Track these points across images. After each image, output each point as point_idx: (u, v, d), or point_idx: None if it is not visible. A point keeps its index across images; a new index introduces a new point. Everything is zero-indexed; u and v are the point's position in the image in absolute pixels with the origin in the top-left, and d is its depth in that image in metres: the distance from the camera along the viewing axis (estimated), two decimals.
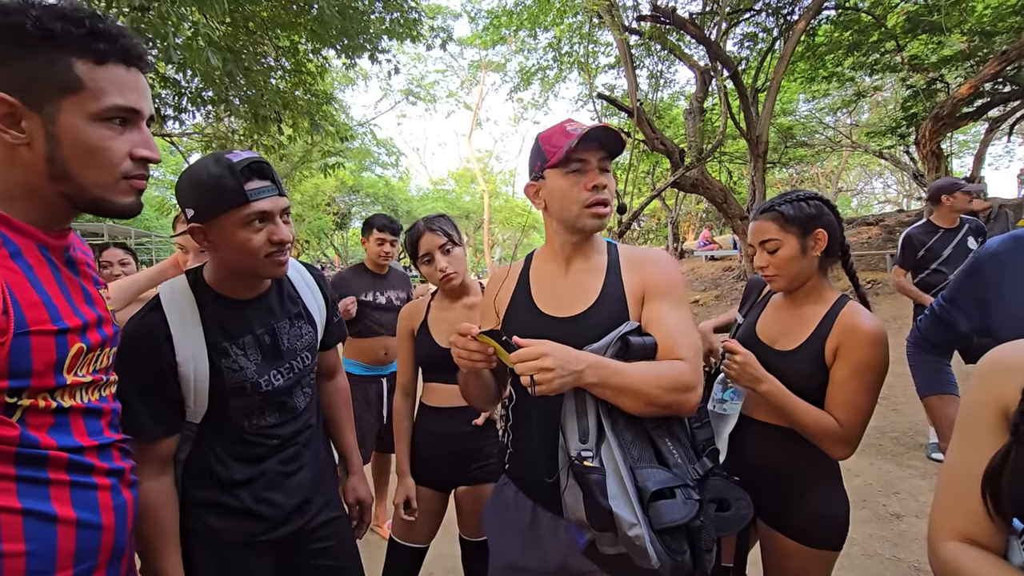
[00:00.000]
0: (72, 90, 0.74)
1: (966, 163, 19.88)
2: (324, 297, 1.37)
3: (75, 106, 0.74)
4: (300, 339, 1.25)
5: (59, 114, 0.74)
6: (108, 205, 0.80)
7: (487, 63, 22.10)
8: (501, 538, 1.27)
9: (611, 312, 1.14)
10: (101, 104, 0.76)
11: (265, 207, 1.06)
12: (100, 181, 0.78)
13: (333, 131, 9.15)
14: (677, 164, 9.19)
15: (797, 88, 14.50)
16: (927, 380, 1.32)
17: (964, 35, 9.15)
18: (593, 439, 1.05)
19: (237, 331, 1.15)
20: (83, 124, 0.75)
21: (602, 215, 1.15)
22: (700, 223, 20.82)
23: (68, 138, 0.75)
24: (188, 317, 1.10)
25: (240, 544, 1.17)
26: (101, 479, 0.83)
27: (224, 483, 1.15)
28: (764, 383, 1.34)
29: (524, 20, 10.80)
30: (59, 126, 0.74)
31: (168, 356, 1.06)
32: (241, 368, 1.13)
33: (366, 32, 7.10)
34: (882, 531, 2.74)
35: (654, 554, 0.92)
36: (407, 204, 31.92)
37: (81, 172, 0.76)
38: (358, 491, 1.45)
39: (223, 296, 1.15)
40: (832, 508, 1.35)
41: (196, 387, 1.08)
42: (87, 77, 0.74)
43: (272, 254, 1.09)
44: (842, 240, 1.41)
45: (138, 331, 1.07)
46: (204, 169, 1.05)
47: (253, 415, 1.17)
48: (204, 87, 6.16)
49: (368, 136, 21.05)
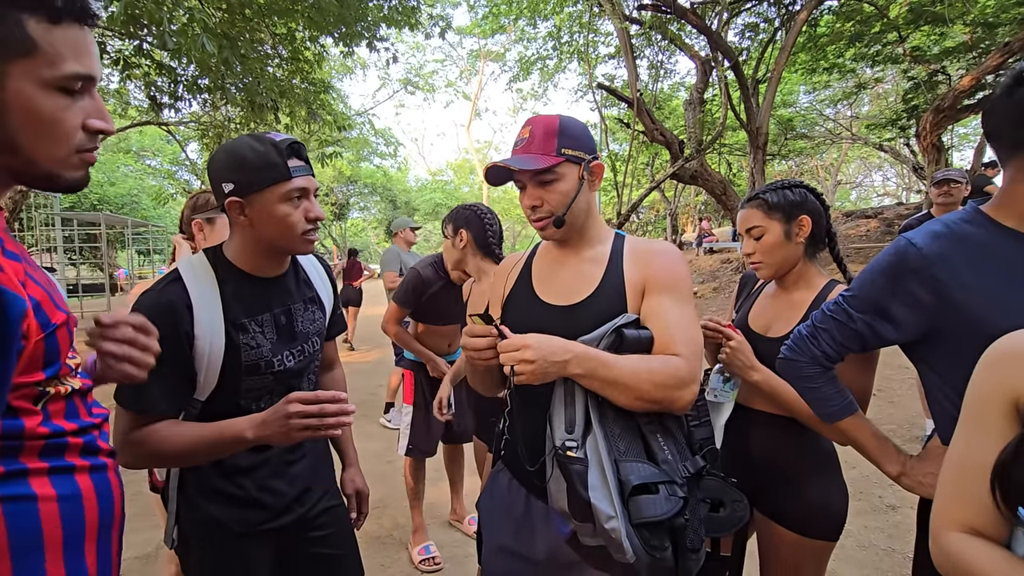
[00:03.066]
0: (24, 53, 0.65)
1: (966, 156, 19.87)
2: (332, 286, 1.40)
3: (27, 71, 0.65)
4: (312, 323, 1.27)
5: (7, 79, 0.65)
6: (57, 180, 0.73)
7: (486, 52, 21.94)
8: (494, 523, 1.27)
9: (609, 303, 1.13)
10: (58, 71, 0.67)
11: (304, 184, 1.11)
12: (53, 154, 0.70)
13: (331, 120, 9.10)
14: (677, 155, 9.16)
15: (798, 79, 14.43)
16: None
17: (967, 26, 9.08)
18: (580, 430, 1.04)
19: (256, 308, 1.16)
20: (36, 92, 0.66)
21: (540, 228, 1.18)
22: (699, 215, 20.79)
23: (18, 107, 0.66)
24: (208, 290, 1.11)
25: (242, 534, 1.17)
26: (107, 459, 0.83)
27: (228, 470, 1.15)
28: (756, 372, 1.35)
29: (524, 9, 10.72)
30: (8, 93, 0.65)
31: (187, 327, 1.06)
32: (258, 345, 1.14)
33: (364, 19, 7.03)
34: (877, 522, 2.75)
35: (630, 548, 0.92)
36: (405, 195, 31.83)
37: (31, 144, 0.68)
38: (356, 482, 1.45)
39: (245, 272, 1.17)
40: (829, 498, 1.35)
41: (210, 361, 1.09)
42: (42, 39, 0.65)
43: (307, 231, 1.14)
44: (828, 227, 1.42)
45: (158, 301, 1.07)
46: (246, 145, 1.09)
47: (262, 398, 1.18)
48: (200, 74, 6.10)
49: (366, 126, 20.96)
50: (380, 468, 3.70)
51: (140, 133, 19.63)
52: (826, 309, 1.13)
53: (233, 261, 1.17)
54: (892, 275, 1.01)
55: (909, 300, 0.98)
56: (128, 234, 14.96)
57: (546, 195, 1.13)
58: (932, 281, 0.95)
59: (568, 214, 1.14)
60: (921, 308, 0.97)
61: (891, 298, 1.01)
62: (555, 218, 1.14)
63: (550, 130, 1.12)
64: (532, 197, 1.14)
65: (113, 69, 6.41)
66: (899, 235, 3.52)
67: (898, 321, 1.01)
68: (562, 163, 1.12)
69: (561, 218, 1.13)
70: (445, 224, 2.07)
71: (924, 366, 1.04)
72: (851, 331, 1.07)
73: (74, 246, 14.45)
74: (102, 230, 12.61)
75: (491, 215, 2.04)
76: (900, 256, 1.00)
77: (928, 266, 0.95)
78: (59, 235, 12.86)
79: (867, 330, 1.05)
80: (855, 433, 1.16)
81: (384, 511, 3.08)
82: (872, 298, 1.04)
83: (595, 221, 1.23)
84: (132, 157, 22.91)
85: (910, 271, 0.98)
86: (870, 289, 1.05)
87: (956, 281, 0.93)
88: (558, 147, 1.11)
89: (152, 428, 1.06)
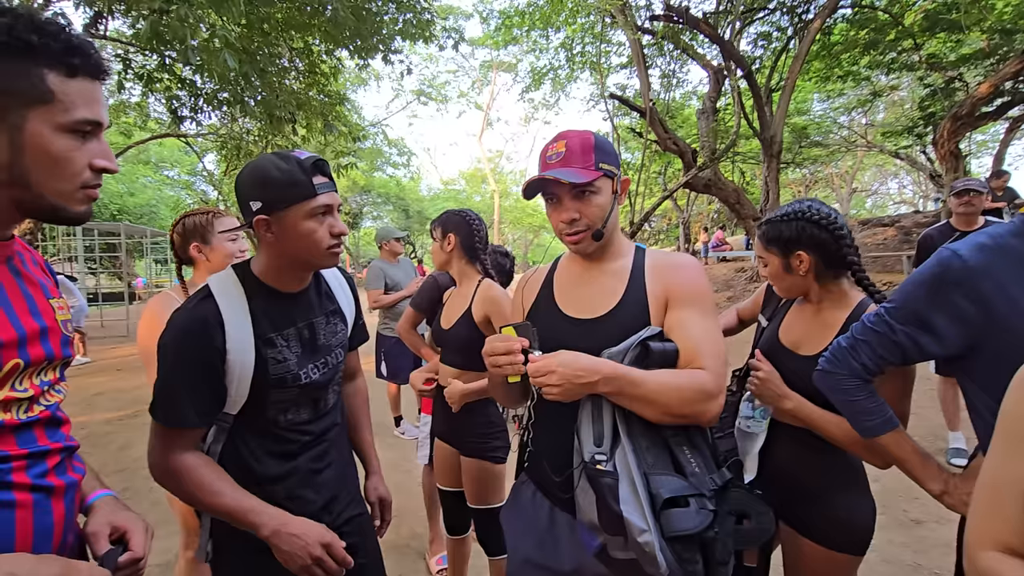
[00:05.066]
0: (43, 101, 0.75)
1: (983, 163, 19.58)
2: (354, 298, 1.42)
3: (43, 116, 0.75)
4: (335, 336, 1.29)
5: (25, 123, 0.74)
6: (63, 213, 0.81)
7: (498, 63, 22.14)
8: (518, 536, 1.27)
9: (632, 316, 1.13)
10: (70, 117, 0.76)
11: (328, 201, 1.14)
12: (61, 190, 0.79)
13: (346, 131, 9.22)
14: (690, 164, 9.15)
15: (811, 87, 14.36)
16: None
17: (984, 33, 9.00)
18: (608, 443, 1.05)
19: (282, 323, 1.18)
20: (50, 134, 0.75)
21: (576, 242, 1.18)
22: (712, 223, 20.68)
23: (33, 147, 0.75)
24: (238, 306, 1.13)
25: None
26: (22, 495, 0.78)
27: (259, 479, 1.16)
28: (788, 400, 1.32)
29: (536, 20, 10.81)
30: (25, 135, 0.74)
31: (220, 344, 1.09)
32: (285, 359, 1.16)
33: (379, 33, 7.14)
34: (902, 537, 2.69)
35: (663, 562, 0.92)
36: (418, 204, 32.08)
37: (42, 180, 0.77)
38: (379, 490, 1.47)
39: (271, 288, 1.19)
40: (856, 512, 1.32)
41: (241, 376, 1.11)
42: (58, 89, 0.75)
43: (332, 246, 1.16)
44: (845, 255, 1.32)
45: (192, 319, 1.09)
46: (272, 164, 1.11)
47: (289, 409, 1.20)
48: (220, 88, 6.22)
49: (380, 136, 21.18)
50: (396, 477, 3.70)
51: (159, 145, 20.02)
52: (866, 321, 1.11)
53: (260, 277, 1.19)
54: (935, 287, 0.99)
55: (952, 312, 0.97)
56: (147, 244, 15.22)
57: (584, 208, 1.15)
58: (976, 294, 0.93)
59: (607, 227, 1.17)
60: (965, 321, 0.96)
61: (934, 310, 0.99)
62: (595, 231, 1.15)
63: (587, 145, 1.14)
64: (570, 210, 1.15)
65: (136, 83, 6.57)
66: (918, 245, 3.41)
67: (941, 334, 0.99)
68: (600, 177, 1.14)
69: (600, 231, 1.15)
70: (434, 227, 2.12)
71: (967, 380, 1.02)
72: (892, 343, 1.06)
73: (94, 255, 14.74)
74: (122, 240, 12.82)
75: (479, 221, 2.10)
76: (944, 268, 0.98)
77: (972, 278, 0.94)
78: (80, 244, 13.10)
79: (909, 342, 1.04)
80: (896, 449, 1.13)
81: (401, 520, 3.08)
82: (914, 310, 1.02)
83: (618, 235, 1.24)
84: (151, 168, 23.41)
85: (954, 283, 0.96)
86: (913, 301, 1.03)
87: (1001, 294, 0.91)
88: (596, 161, 1.13)
89: (192, 464, 1.08)
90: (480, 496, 1.97)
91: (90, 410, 5.64)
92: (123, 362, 8.32)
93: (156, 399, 1.09)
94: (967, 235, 3.33)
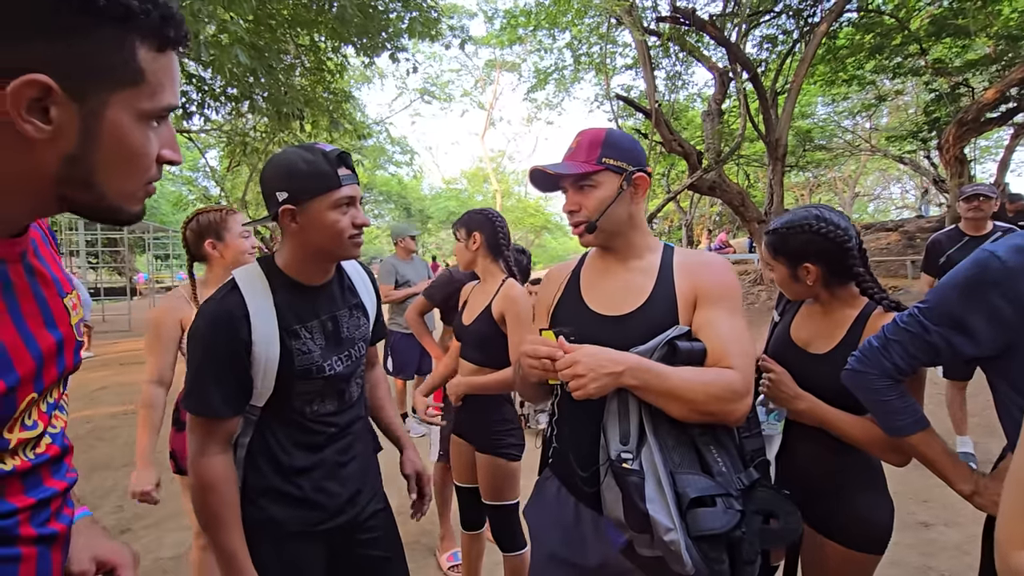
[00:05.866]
0: (132, 82, 0.59)
1: (987, 168, 19.56)
2: (375, 293, 1.43)
3: (129, 101, 0.60)
4: (357, 329, 1.31)
5: (106, 109, 0.58)
6: (120, 214, 0.66)
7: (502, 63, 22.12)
8: (543, 531, 1.28)
9: (660, 314, 1.13)
10: (158, 103, 0.62)
11: (351, 193, 1.16)
12: (127, 189, 0.64)
13: (351, 129, 9.23)
14: (695, 166, 9.14)
15: (816, 91, 14.35)
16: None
17: (990, 39, 9.00)
18: (634, 441, 1.05)
19: (306, 315, 1.20)
20: (131, 123, 0.60)
21: (577, 235, 1.22)
22: (715, 226, 20.68)
23: (112, 138, 0.60)
24: (263, 299, 1.15)
25: (299, 534, 1.20)
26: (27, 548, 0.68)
27: (286, 471, 1.18)
28: (800, 401, 1.33)
29: (542, 20, 10.80)
30: (104, 124, 0.59)
31: (246, 336, 1.10)
32: (309, 351, 1.18)
33: (386, 30, 7.14)
34: (910, 539, 2.70)
35: (689, 561, 0.92)
36: (420, 203, 32.01)
37: (111, 178, 0.62)
38: (416, 463, 1.49)
39: (295, 281, 1.21)
40: (875, 512, 1.33)
41: (267, 368, 1.13)
42: (149, 68, 0.60)
43: (354, 236, 1.18)
44: (851, 267, 1.32)
45: (219, 311, 1.11)
46: (298, 156, 1.14)
47: (314, 401, 1.22)
48: (228, 84, 6.22)
49: (383, 134, 21.15)
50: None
51: None
52: (899, 321, 1.11)
53: (284, 270, 1.20)
54: (972, 287, 0.99)
55: (989, 313, 0.97)
56: (148, 239, 15.22)
57: (584, 200, 1.17)
58: (1014, 294, 0.93)
59: (604, 221, 1.16)
60: (1001, 322, 0.96)
61: (970, 311, 0.99)
62: (588, 223, 1.17)
63: (595, 141, 1.17)
64: (571, 202, 1.20)
65: None
66: (926, 249, 3.40)
67: (976, 335, 0.99)
68: (601, 171, 1.15)
69: (593, 223, 1.16)
70: (458, 227, 2.13)
71: (999, 380, 1.03)
72: (926, 344, 1.06)
73: (96, 250, 14.74)
74: (124, 235, 12.82)
75: (501, 219, 2.13)
76: (982, 268, 0.98)
77: (1011, 279, 0.94)
78: (82, 239, 13.10)
79: (943, 343, 1.04)
80: (925, 449, 1.13)
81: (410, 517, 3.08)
82: (950, 311, 1.02)
83: (641, 232, 1.24)
84: None
85: (992, 284, 0.96)
86: (948, 301, 1.03)
87: None
88: (600, 156, 1.15)
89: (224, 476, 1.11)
90: (494, 493, 1.98)
91: (94, 404, 5.65)
92: (125, 356, 8.33)
93: (187, 389, 1.11)
94: (974, 240, 3.28)
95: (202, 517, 1.11)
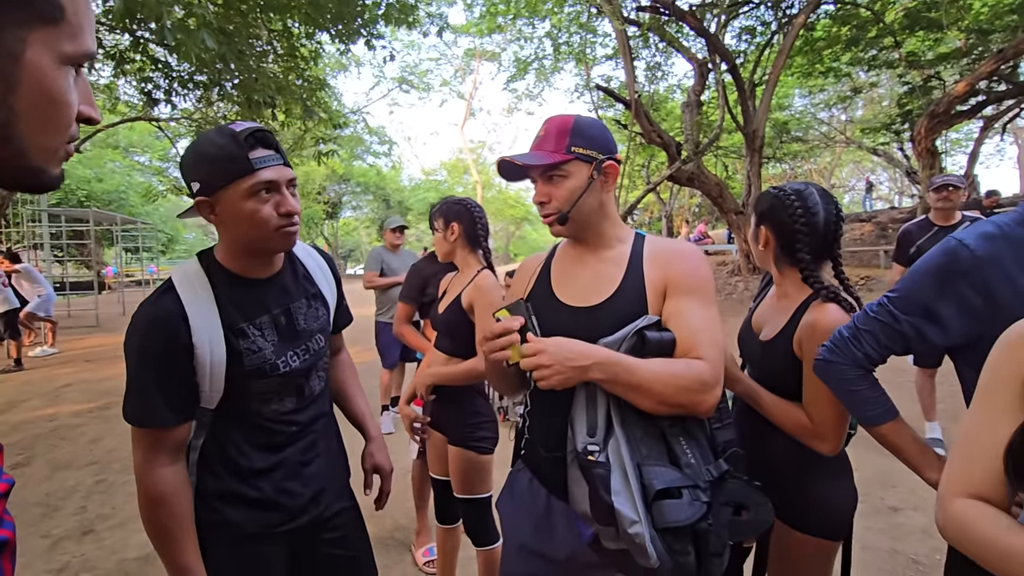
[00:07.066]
0: (51, 20, 0.52)
1: (957, 160, 20.06)
2: (335, 280, 1.35)
3: (49, 42, 0.52)
4: (316, 320, 1.23)
5: (26, 49, 0.50)
6: (41, 176, 0.57)
7: (482, 52, 21.89)
8: (514, 523, 1.26)
9: (629, 305, 1.10)
10: (79, 46, 0.54)
11: (271, 176, 1.03)
12: (49, 144, 0.56)
13: (326, 118, 9.03)
14: (674, 157, 9.18)
15: (793, 83, 14.53)
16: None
17: (961, 32, 9.19)
18: (601, 433, 1.03)
19: (253, 311, 1.12)
20: (52, 68, 0.52)
21: (548, 224, 1.18)
22: (694, 217, 20.89)
23: (32, 84, 0.51)
24: (203, 298, 1.06)
25: (258, 536, 1.13)
26: None
27: (244, 473, 1.11)
28: (738, 383, 1.33)
29: (522, 8, 10.68)
30: (23, 67, 0.50)
31: (184, 338, 1.02)
32: (260, 349, 1.10)
33: (361, 16, 6.98)
34: (879, 524, 2.75)
35: (653, 553, 0.91)
36: (399, 194, 31.70)
37: (31, 131, 0.53)
38: (376, 457, 1.40)
39: (237, 275, 1.12)
40: (834, 498, 1.32)
41: (212, 370, 1.05)
42: (68, 4, 0.53)
43: (281, 226, 1.06)
44: (796, 250, 1.28)
45: (152, 314, 1.03)
46: (208, 141, 1.03)
47: (272, 400, 1.14)
48: (196, 70, 6.01)
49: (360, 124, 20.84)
50: None
51: (129, 129, 19.30)
52: (869, 310, 1.10)
53: (223, 264, 1.12)
54: (942, 276, 0.98)
55: (958, 302, 0.96)
56: (117, 231, 14.76)
57: (553, 191, 1.14)
58: (983, 284, 0.92)
59: (575, 212, 1.13)
60: (970, 311, 0.95)
61: (940, 300, 0.98)
62: (559, 215, 1.13)
63: (563, 129, 1.13)
64: (541, 194, 1.16)
65: (106, 64, 6.32)
66: (897, 239, 3.45)
67: (946, 323, 0.98)
68: (570, 161, 1.11)
69: (565, 215, 1.13)
70: (435, 217, 2.09)
71: (968, 369, 1.02)
72: (896, 333, 1.04)
73: (61, 243, 14.24)
74: (91, 227, 12.39)
75: (479, 209, 2.09)
76: (952, 258, 0.97)
77: (979, 268, 0.93)
78: (46, 232, 12.66)
79: (912, 332, 1.03)
80: (895, 438, 1.13)
81: (385, 513, 3.04)
82: (919, 299, 1.01)
83: (612, 221, 1.20)
84: (120, 153, 22.62)
85: (960, 273, 0.95)
86: (918, 290, 1.02)
87: (1008, 284, 0.90)
88: (568, 145, 1.11)
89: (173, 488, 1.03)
90: (465, 486, 1.95)
91: (58, 402, 5.45)
92: (92, 353, 8.07)
93: (125, 400, 1.03)
94: (943, 230, 3.33)
95: (150, 532, 1.03)
